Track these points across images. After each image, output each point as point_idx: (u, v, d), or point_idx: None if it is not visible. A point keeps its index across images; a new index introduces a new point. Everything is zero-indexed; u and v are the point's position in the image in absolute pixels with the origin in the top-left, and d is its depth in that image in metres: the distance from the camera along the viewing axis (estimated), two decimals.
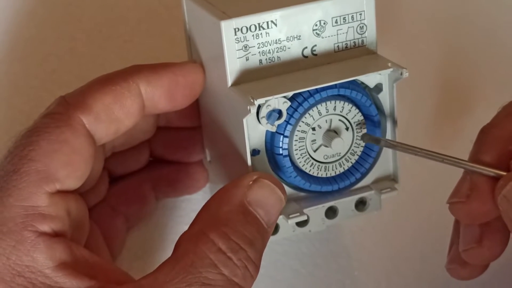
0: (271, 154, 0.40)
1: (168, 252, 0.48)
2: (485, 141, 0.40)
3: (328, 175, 0.41)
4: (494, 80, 0.54)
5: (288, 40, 0.39)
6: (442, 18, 0.54)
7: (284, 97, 0.38)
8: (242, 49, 0.39)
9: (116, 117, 0.39)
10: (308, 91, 0.39)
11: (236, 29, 0.38)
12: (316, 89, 0.39)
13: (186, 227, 0.47)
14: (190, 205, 0.49)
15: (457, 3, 0.54)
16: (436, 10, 0.54)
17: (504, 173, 0.38)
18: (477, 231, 0.41)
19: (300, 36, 0.39)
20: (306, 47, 0.40)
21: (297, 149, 0.40)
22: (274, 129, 0.39)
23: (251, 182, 0.37)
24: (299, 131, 0.39)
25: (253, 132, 0.39)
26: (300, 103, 0.39)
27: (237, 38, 0.38)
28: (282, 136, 0.39)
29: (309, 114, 0.39)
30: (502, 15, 0.55)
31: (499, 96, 0.52)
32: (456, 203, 0.40)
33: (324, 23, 0.40)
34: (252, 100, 0.37)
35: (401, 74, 0.39)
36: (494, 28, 0.54)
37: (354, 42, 0.40)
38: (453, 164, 0.39)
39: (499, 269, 0.46)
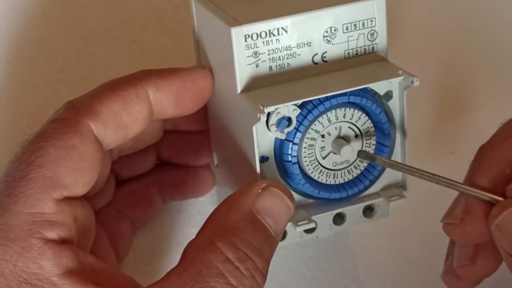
0: (280, 161, 0.40)
1: (174, 254, 0.48)
2: (482, 163, 0.39)
3: (337, 182, 0.41)
4: (500, 84, 0.54)
5: (298, 47, 0.39)
6: (448, 25, 0.54)
7: (294, 104, 0.38)
8: (252, 55, 0.38)
9: (124, 123, 0.39)
10: (318, 98, 0.38)
11: (247, 36, 0.38)
12: (326, 96, 0.38)
13: (192, 230, 0.46)
14: (196, 207, 0.49)
15: (463, 10, 0.54)
16: (442, 17, 0.54)
17: (499, 198, 0.38)
18: (471, 250, 0.41)
19: (310, 42, 0.39)
20: (316, 54, 0.39)
21: (306, 156, 0.40)
22: (283, 137, 0.39)
23: (260, 190, 0.37)
24: (308, 138, 0.39)
25: (262, 139, 0.39)
26: (309, 111, 0.38)
27: (247, 44, 0.38)
28: (291, 143, 0.39)
29: (319, 122, 0.39)
30: (505, 22, 0.55)
31: (504, 100, 0.52)
32: (450, 224, 0.40)
33: (335, 30, 0.39)
34: (262, 108, 0.37)
35: (412, 82, 0.39)
36: (499, 36, 0.54)
37: (365, 48, 0.40)
38: (448, 186, 0.39)
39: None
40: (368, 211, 0.42)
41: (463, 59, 0.54)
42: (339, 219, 0.42)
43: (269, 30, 0.38)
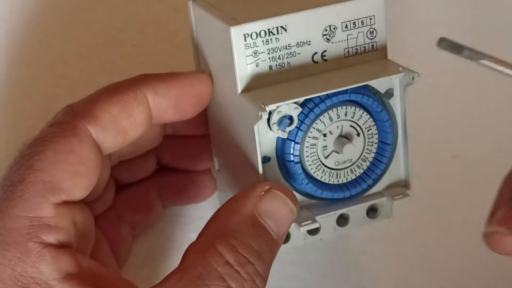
0: (282, 161, 0.39)
1: (174, 259, 0.48)
2: None
3: (340, 182, 0.40)
4: (505, 83, 0.53)
5: (298, 46, 0.39)
6: (451, 22, 0.53)
7: (295, 103, 0.38)
8: (252, 55, 0.38)
9: (123, 128, 0.38)
10: (319, 97, 0.38)
11: (246, 35, 0.37)
12: (327, 94, 0.38)
13: (192, 235, 0.46)
14: (197, 212, 0.48)
15: (466, 6, 0.54)
16: (445, 14, 0.53)
17: None
18: None
19: (310, 41, 0.39)
20: (316, 53, 0.39)
21: (308, 156, 0.39)
22: (285, 136, 0.38)
23: (262, 193, 0.36)
24: (310, 137, 0.39)
25: (264, 139, 0.38)
26: (311, 109, 0.38)
27: (247, 44, 0.38)
28: (293, 142, 0.39)
29: (320, 120, 0.39)
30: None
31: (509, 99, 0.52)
32: (495, 234, 0.32)
33: (334, 28, 0.39)
34: (263, 106, 0.36)
35: (413, 78, 0.39)
36: (504, 35, 0.54)
37: (365, 47, 0.40)
38: None
39: None
40: (372, 212, 0.42)
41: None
42: (342, 220, 0.41)
43: (268, 29, 0.38)
